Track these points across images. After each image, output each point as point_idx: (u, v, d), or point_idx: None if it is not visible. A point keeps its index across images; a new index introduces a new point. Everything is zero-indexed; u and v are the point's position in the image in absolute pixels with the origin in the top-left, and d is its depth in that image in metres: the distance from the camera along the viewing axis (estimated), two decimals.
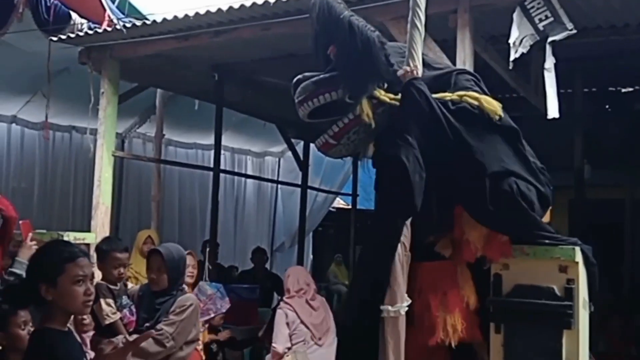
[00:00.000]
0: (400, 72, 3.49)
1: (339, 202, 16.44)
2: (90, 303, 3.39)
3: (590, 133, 8.62)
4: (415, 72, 3.40)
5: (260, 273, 10.68)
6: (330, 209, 15.22)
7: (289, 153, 12.02)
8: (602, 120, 9.69)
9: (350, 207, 13.44)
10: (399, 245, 3.36)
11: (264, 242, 13.30)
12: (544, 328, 3.88)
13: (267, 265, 11.53)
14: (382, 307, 3.37)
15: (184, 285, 5.43)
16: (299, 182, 11.56)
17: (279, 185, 13.82)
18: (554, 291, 3.86)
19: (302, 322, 6.43)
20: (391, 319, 3.28)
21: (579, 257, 3.85)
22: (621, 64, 7.21)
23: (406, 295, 3.40)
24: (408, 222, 3.52)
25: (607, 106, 9.85)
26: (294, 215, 12.30)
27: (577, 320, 3.83)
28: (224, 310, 7.09)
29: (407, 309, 3.38)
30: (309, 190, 11.68)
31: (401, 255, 3.33)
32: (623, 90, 9.18)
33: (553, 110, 4.51)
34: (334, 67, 3.66)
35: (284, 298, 6.76)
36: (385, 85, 3.76)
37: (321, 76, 3.66)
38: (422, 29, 3.38)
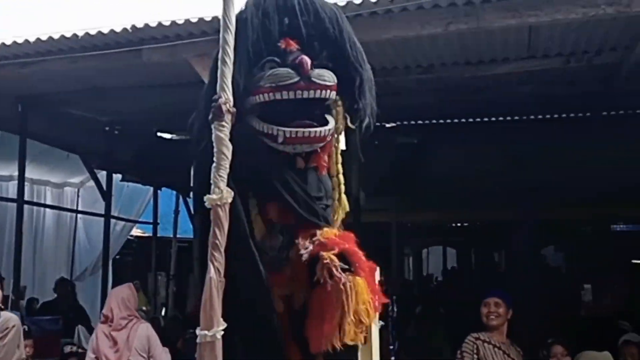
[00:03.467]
0: (214, 104, 3.67)
1: (136, 231, 16.46)
2: None
3: (363, 165, 9.19)
4: (227, 103, 3.62)
5: (64, 304, 10.52)
6: (129, 237, 15.21)
7: (89, 183, 12.00)
8: (372, 153, 10.36)
9: (149, 235, 13.55)
10: (213, 269, 3.50)
11: (63, 271, 13.07)
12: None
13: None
14: (198, 332, 3.48)
15: None
16: (99, 212, 11.57)
17: (81, 215, 13.68)
18: None
19: (100, 352, 6.24)
20: (208, 344, 3.42)
21: None
22: (385, 102, 7.78)
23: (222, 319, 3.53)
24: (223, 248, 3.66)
25: (375, 141, 10.59)
26: (95, 243, 12.27)
27: (369, 335, 4.16)
28: None
29: (222, 332, 3.51)
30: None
31: (215, 280, 3.48)
32: (387, 125, 9.96)
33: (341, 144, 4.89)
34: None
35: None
36: None
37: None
38: (231, 65, 3.61)
